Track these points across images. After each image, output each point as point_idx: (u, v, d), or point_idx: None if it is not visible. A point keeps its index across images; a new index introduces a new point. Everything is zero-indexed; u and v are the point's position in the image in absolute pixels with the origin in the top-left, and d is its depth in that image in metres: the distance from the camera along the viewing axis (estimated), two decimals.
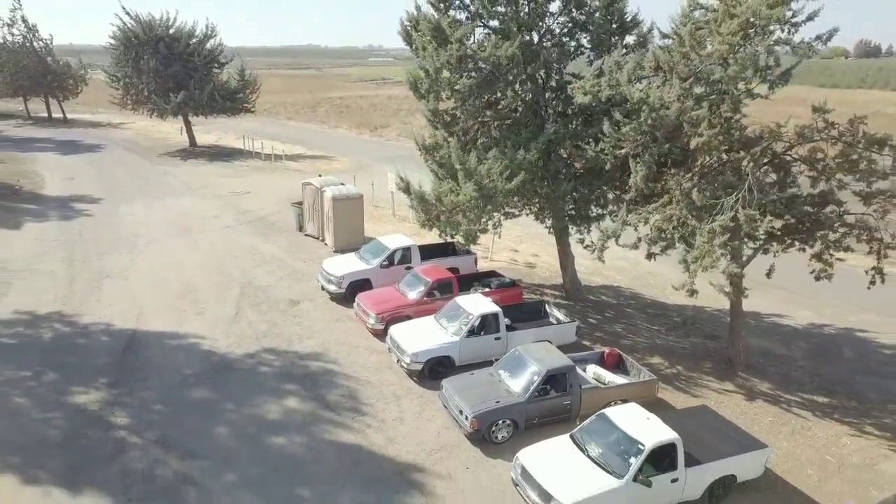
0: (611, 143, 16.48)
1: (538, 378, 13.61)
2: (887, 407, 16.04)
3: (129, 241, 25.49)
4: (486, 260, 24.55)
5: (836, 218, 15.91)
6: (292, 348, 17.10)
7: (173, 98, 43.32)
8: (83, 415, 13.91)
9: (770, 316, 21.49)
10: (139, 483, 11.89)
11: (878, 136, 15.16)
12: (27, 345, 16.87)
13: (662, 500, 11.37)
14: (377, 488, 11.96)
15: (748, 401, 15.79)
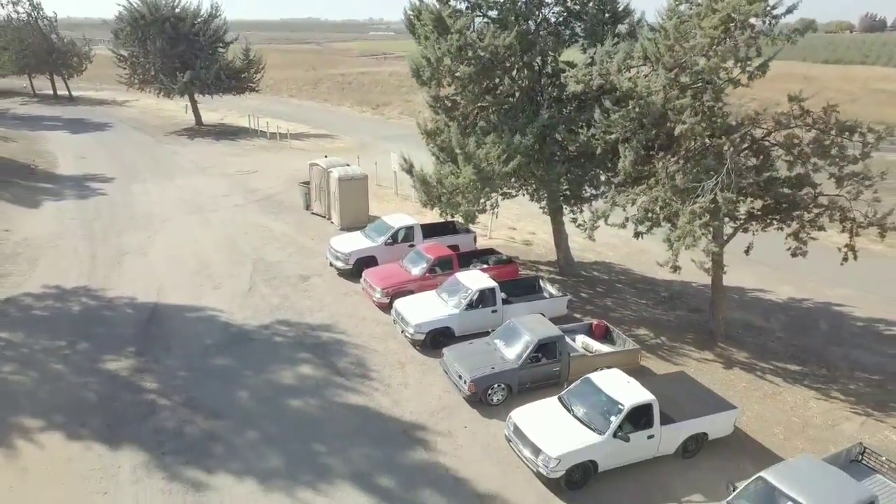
0: (601, 129, 17.59)
1: (530, 346, 14.92)
2: (854, 374, 17.35)
3: (145, 219, 26.72)
4: (485, 238, 25.75)
5: (811, 199, 17.08)
6: (304, 320, 18.41)
7: (180, 78, 44.20)
8: (115, 380, 15.27)
9: (753, 291, 22.75)
10: (171, 439, 13.26)
11: (848, 123, 16.21)
12: (58, 316, 18.20)
13: (640, 454, 12.74)
14: (384, 444, 13.33)
15: (725, 369, 17.11)
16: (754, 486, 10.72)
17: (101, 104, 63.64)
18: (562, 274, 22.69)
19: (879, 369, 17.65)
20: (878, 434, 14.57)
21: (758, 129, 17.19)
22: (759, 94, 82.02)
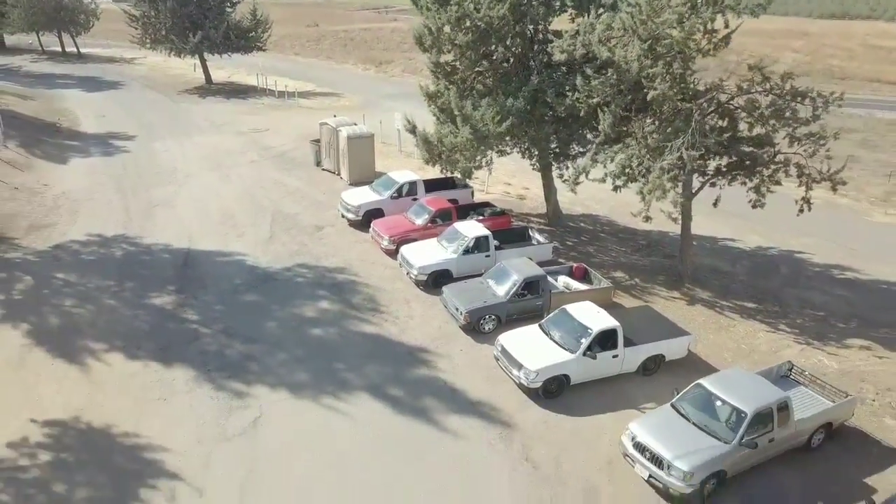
0: (584, 94, 19.67)
1: (517, 284, 17.39)
2: (803, 311, 19.83)
3: (169, 174, 28.98)
4: (483, 192, 27.97)
5: (770, 157, 19.29)
6: (321, 264, 20.88)
7: (191, 38, 45.79)
8: (162, 312, 17.81)
9: (724, 240, 25.10)
10: (214, 359, 15.84)
11: (800, 89, 18.32)
12: (104, 260, 20.68)
13: (606, 370, 15.29)
14: (393, 363, 15.92)
15: (689, 305, 19.60)
16: (693, 390, 13.28)
17: (109, 62, 64.98)
18: (551, 225, 25.03)
19: (826, 307, 20.14)
20: (813, 358, 17.11)
21: (723, 95, 19.29)
22: (760, 50, 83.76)
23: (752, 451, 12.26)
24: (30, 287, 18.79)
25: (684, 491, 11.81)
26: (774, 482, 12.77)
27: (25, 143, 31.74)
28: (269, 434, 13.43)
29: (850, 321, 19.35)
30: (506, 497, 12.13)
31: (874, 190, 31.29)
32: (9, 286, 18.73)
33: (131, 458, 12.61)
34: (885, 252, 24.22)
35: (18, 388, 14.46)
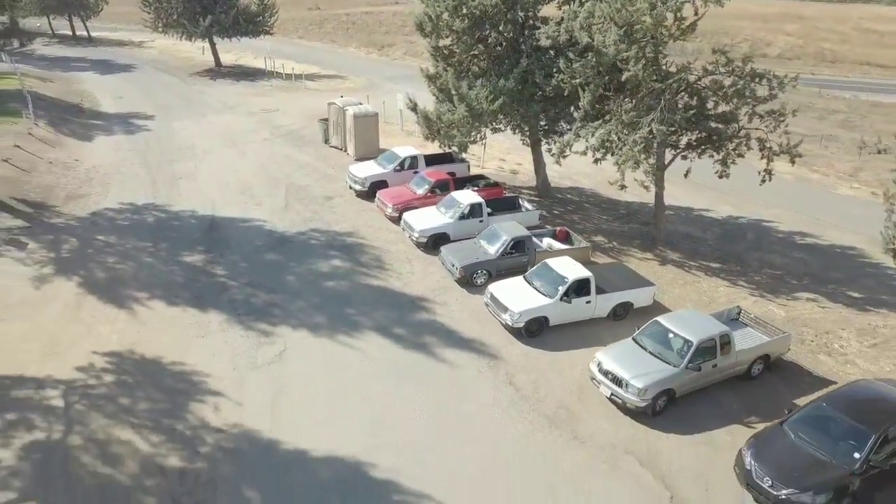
0: (568, 75, 21.95)
1: (506, 244, 19.81)
2: (762, 271, 22.24)
3: (189, 151, 31.32)
4: (479, 167, 30.27)
5: (734, 132, 21.60)
6: (332, 229, 23.30)
7: (202, 22, 47.88)
8: (193, 268, 20.26)
9: (699, 210, 27.47)
10: (242, 306, 18.30)
11: (758, 71, 20.57)
12: (139, 225, 23.11)
13: (580, 314, 17.73)
14: (398, 309, 18.39)
15: (660, 265, 22.02)
16: (650, 326, 15.74)
17: (119, 45, 66.99)
18: (540, 196, 27.40)
19: (783, 267, 22.56)
20: (765, 307, 19.54)
21: (691, 76, 21.55)
22: (755, 34, 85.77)
23: (696, 373, 14.73)
24: (75, 247, 21.23)
25: (639, 405, 14.30)
26: (718, 402, 15.25)
27: (53, 122, 34.05)
28: (292, 364, 15.92)
29: (804, 279, 21.78)
30: (491, 410, 14.64)
31: (844, 166, 33.56)
32: (58, 246, 21.19)
33: (179, 380, 15.12)
34: (845, 221, 26.60)
35: (79, 327, 16.94)
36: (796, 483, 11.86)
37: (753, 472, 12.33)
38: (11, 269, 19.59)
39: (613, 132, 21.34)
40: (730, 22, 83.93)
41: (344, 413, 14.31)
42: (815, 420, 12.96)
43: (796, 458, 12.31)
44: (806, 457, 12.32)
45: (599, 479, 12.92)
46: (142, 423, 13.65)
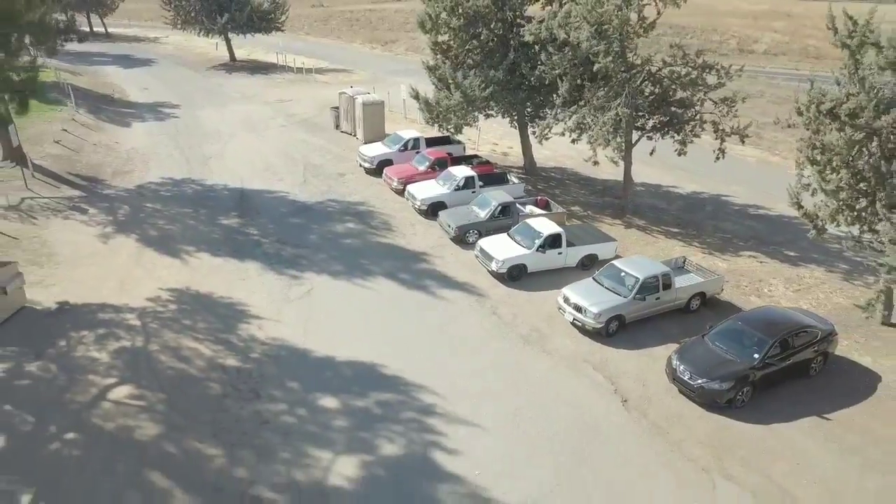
0: (548, 66, 25.63)
1: (495, 208, 23.53)
2: (714, 234, 25.90)
3: (215, 135, 35.06)
4: (474, 149, 33.94)
5: (691, 116, 25.27)
6: (345, 199, 27.05)
7: (218, 20, 51.58)
8: (230, 229, 24.02)
9: (668, 186, 31.14)
10: (274, 257, 22.03)
11: (708, 63, 24.23)
12: (180, 196, 26.86)
13: (553, 263, 21.44)
14: (403, 260, 22.13)
15: (626, 229, 25.70)
16: (607, 268, 19.46)
17: (136, 41, 70.67)
18: (527, 174, 31.11)
19: (733, 232, 26.23)
20: (711, 261, 23.17)
21: (654, 67, 25.21)
22: (742, 31, 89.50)
23: (642, 303, 18.46)
24: (129, 212, 25.00)
25: (595, 327, 18.03)
26: (661, 328, 18.96)
27: (91, 110, 37.79)
28: (318, 299, 19.68)
29: (749, 241, 25.45)
30: (478, 331, 18.38)
31: None
32: (114, 211, 24.96)
33: (229, 308, 18.88)
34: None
35: (142, 271, 20.71)
36: (708, 374, 15.57)
37: (677, 369, 16.06)
38: (80, 228, 23.39)
39: (587, 115, 25.07)
40: (721, 20, 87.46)
41: (360, 332, 18.05)
42: (728, 332, 16.70)
43: (710, 359, 16.03)
44: (718, 357, 16.04)
45: (562, 378, 16.67)
46: (203, 337, 17.42)
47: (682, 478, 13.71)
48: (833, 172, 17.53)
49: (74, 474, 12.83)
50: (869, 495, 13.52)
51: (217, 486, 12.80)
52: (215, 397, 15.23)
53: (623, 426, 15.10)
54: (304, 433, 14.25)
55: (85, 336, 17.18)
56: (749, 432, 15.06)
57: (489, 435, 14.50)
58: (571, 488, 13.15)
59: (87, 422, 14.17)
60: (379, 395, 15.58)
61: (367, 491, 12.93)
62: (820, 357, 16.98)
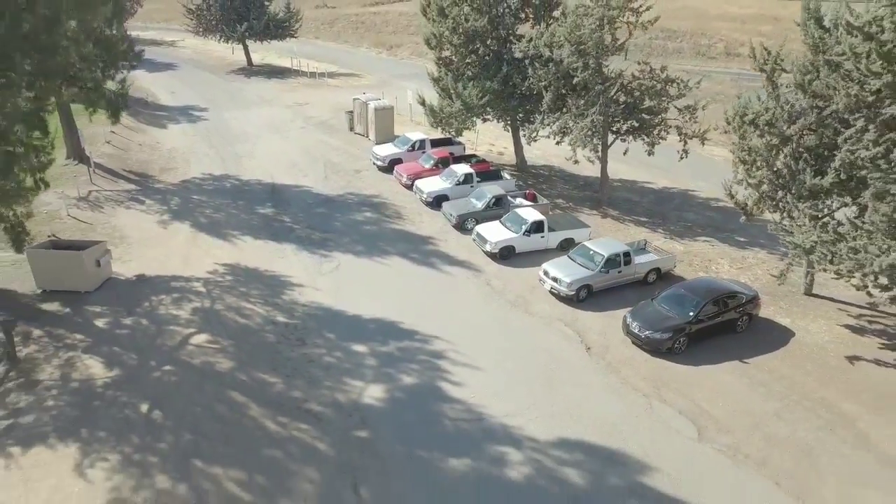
0: (536, 79, 30.07)
1: (490, 200, 28.03)
2: (678, 223, 30.35)
3: (243, 136, 39.54)
4: (473, 149, 38.39)
5: (659, 122, 29.71)
6: (362, 192, 31.54)
7: (238, 28, 56.01)
8: (266, 217, 28.51)
9: (642, 182, 35.57)
10: (306, 240, 26.52)
11: (670, 77, 28.68)
12: (220, 189, 31.36)
13: (537, 245, 25.91)
14: (413, 243, 26.62)
15: (602, 218, 30.17)
16: (579, 248, 23.96)
17: (154, 44, 74.82)
18: (518, 171, 35.59)
19: (694, 221, 30.69)
20: (671, 245, 27.63)
21: (625, 79, 29.63)
22: (730, 35, 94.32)
23: (606, 275, 22.95)
24: (179, 203, 29.51)
25: (568, 294, 22.51)
26: (623, 296, 23.42)
27: (131, 113, 42.08)
28: (345, 272, 24.17)
29: (706, 228, 29.91)
30: (475, 298, 22.89)
31: None
32: (167, 202, 29.49)
33: (273, 279, 23.39)
34: None
35: (199, 250, 25.23)
36: (653, 328, 20.06)
37: (630, 325, 20.56)
38: (141, 216, 27.93)
39: (568, 121, 29.54)
40: (710, 23, 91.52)
41: (380, 297, 22.55)
42: (671, 296, 21.19)
43: (656, 316, 20.52)
44: (662, 315, 20.52)
45: (540, 332, 21.17)
46: (256, 300, 21.95)
47: (627, 401, 18.23)
48: (757, 170, 22.02)
49: (175, 393, 17.37)
50: (769, 414, 18.01)
51: (279, 402, 17.32)
52: (271, 343, 19.76)
53: (585, 366, 19.62)
54: (341, 369, 18.78)
55: (163, 299, 21.73)
56: (682, 371, 19.57)
57: (482, 371, 19.01)
58: (541, 406, 17.66)
59: (178, 358, 18.72)
60: (398, 343, 20.10)
61: (390, 408, 17.44)
62: (745, 317, 21.48)
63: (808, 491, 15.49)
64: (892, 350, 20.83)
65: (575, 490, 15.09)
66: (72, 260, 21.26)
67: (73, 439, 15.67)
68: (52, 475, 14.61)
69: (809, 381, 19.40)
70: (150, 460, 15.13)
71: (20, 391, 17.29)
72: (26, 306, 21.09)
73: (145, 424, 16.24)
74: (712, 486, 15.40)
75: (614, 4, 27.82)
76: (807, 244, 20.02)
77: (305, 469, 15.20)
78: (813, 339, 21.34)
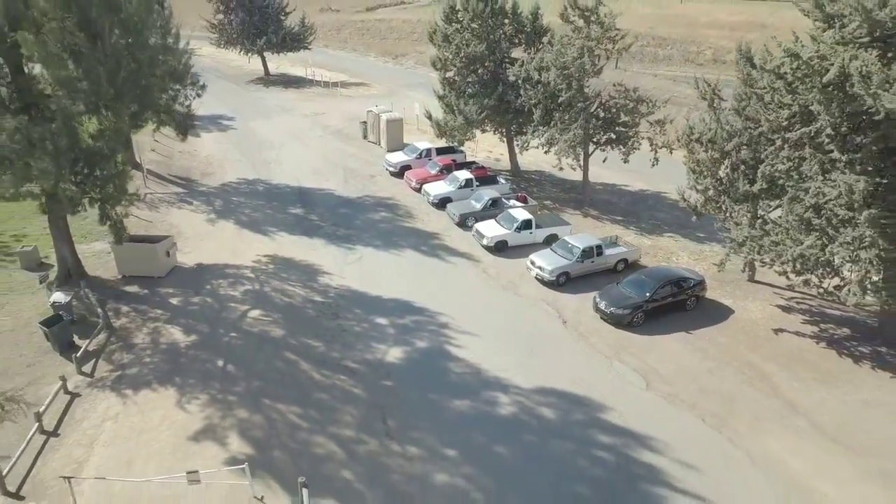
0: (527, 98, 35.09)
1: (487, 202, 33.07)
2: (649, 221, 35.37)
3: (269, 143, 44.59)
4: (473, 156, 43.41)
5: (633, 134, 34.73)
6: (377, 195, 36.60)
7: (258, 42, 61.05)
8: (297, 216, 33.56)
9: (621, 185, 40.60)
10: (332, 236, 31.56)
11: (640, 96, 33.69)
12: (255, 192, 36.42)
13: (527, 241, 30.95)
14: (422, 238, 31.65)
15: (583, 217, 35.20)
16: (560, 242, 29.00)
17: None
18: (513, 175, 40.63)
19: (663, 220, 35.70)
20: (640, 240, 32.62)
21: (603, 98, 34.63)
22: (718, 43, 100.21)
23: (582, 264, 27.98)
24: (222, 204, 34.57)
25: (551, 279, 27.55)
26: (599, 280, 28.43)
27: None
28: (367, 262, 29.22)
29: (673, 226, 34.94)
30: (474, 282, 27.93)
31: None
32: (211, 203, 34.57)
33: (308, 267, 28.43)
34: None
35: (244, 244, 30.29)
36: (616, 305, 25.08)
37: (598, 303, 25.60)
38: (191, 215, 33.01)
39: (555, 133, 34.56)
40: (700, 31, 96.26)
41: (396, 282, 27.58)
42: (632, 280, 26.23)
43: (619, 296, 25.54)
44: (624, 295, 25.53)
45: (526, 310, 26.20)
46: (296, 284, 27.02)
47: (593, 361, 23.25)
48: (703, 178, 27.04)
49: (241, 353, 22.44)
50: (703, 371, 23.02)
51: (322, 360, 22.37)
52: (312, 317, 24.83)
53: (561, 335, 24.67)
54: (368, 336, 23.85)
55: (221, 283, 26.82)
56: (639, 340, 24.59)
57: (480, 338, 24.04)
58: (525, 364, 22.70)
59: (240, 327, 23.80)
60: (412, 316, 25.16)
61: (408, 364, 22.49)
62: (693, 298, 26.51)
63: (726, 425, 20.49)
64: (811, 324, 25.87)
65: (548, 423, 20.13)
66: (148, 251, 26.33)
67: (170, 385, 20.74)
68: (160, 408, 19.69)
69: (740, 347, 24.41)
70: (230, 399, 20.20)
71: (122, 352, 22.37)
72: (112, 288, 26.17)
73: (222, 374, 21.32)
74: (653, 422, 20.41)
75: (594, 36, 32.87)
76: (740, 238, 25.09)
77: (346, 407, 20.25)
78: (748, 316, 26.35)
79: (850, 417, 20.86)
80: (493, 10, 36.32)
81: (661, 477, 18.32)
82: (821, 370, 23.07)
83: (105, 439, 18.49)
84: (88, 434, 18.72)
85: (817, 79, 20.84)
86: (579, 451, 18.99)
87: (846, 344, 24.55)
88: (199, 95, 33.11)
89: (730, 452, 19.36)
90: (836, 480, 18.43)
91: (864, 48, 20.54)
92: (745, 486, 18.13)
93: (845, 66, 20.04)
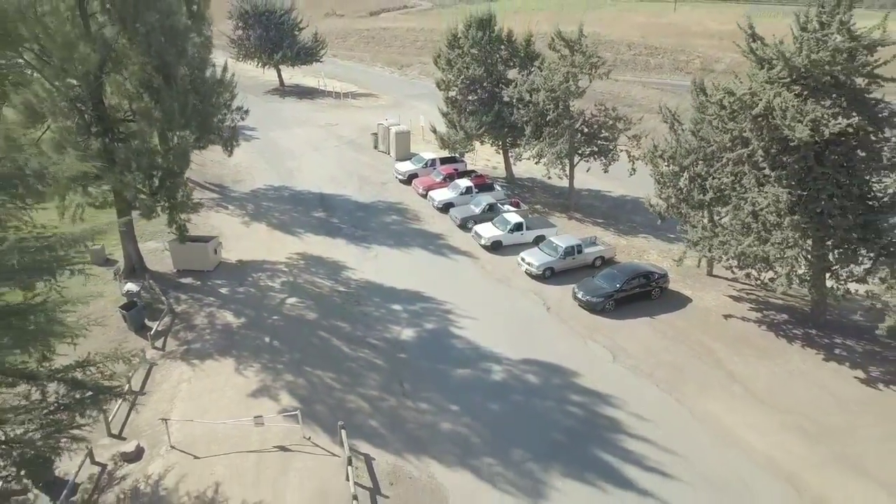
0: (520, 115, 40.15)
1: (484, 206, 38.15)
2: (627, 223, 40.41)
3: (290, 153, 49.68)
4: (473, 165, 48.43)
5: (612, 147, 39.79)
6: (389, 200, 41.69)
7: (275, 56, 66.15)
8: (321, 219, 38.64)
9: (604, 191, 45.60)
10: (351, 236, 36.62)
11: (619, 115, 38.76)
12: (282, 197, 41.51)
13: (518, 240, 35.95)
14: (428, 238, 36.71)
15: (568, 220, 40.23)
16: (546, 242, 34.08)
17: None
18: (508, 183, 45.72)
19: (640, 223, 40.70)
20: (616, 240, 37.67)
21: (587, 115, 39.67)
22: (706, 51, 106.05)
23: (564, 261, 33.05)
24: (254, 208, 39.68)
25: (538, 273, 32.63)
26: (579, 274, 33.46)
27: None
28: (381, 260, 34.28)
29: (647, 228, 39.97)
30: (473, 276, 33.01)
31: None
32: (244, 207, 39.69)
33: (333, 263, 33.50)
34: None
35: (277, 244, 35.38)
36: (591, 294, 30.15)
37: (576, 292, 30.68)
38: (228, 218, 38.13)
39: (544, 147, 39.66)
40: (691, 40, 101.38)
41: (408, 276, 32.62)
42: (605, 273, 31.29)
43: (594, 286, 30.61)
44: (598, 286, 30.58)
45: (517, 298, 31.26)
46: (323, 277, 32.11)
47: (570, 341, 28.31)
48: (666, 188, 32.12)
49: (284, 332, 27.54)
50: (661, 348, 28.04)
51: (350, 338, 27.47)
52: (338, 304, 29.94)
53: (546, 319, 29.74)
54: (386, 319, 28.94)
55: (260, 276, 31.92)
56: (610, 323, 29.63)
57: (478, 322, 29.10)
58: (515, 342, 27.72)
59: (281, 311, 28.92)
60: (421, 304, 30.26)
61: (419, 342, 27.56)
62: (658, 289, 31.56)
63: (676, 389, 25.53)
64: (756, 311, 30.91)
65: (532, 386, 25.20)
66: (200, 249, 31.42)
67: (229, 356, 25.85)
68: (223, 374, 24.80)
69: (694, 330, 29.46)
70: (277, 367, 25.30)
71: (185, 331, 27.48)
72: (170, 280, 31.28)
73: (270, 349, 26.43)
74: (616, 386, 25.44)
75: (577, 63, 37.96)
76: (695, 238, 30.18)
77: (370, 373, 25.34)
78: (704, 304, 31.41)
79: (778, 384, 25.86)
80: (490, 38, 41.41)
81: (621, 427, 23.34)
82: (759, 348, 28.08)
83: (183, 396, 23.61)
84: (169, 393, 23.83)
85: (748, 112, 25.91)
86: (556, 408, 24.04)
87: (783, 327, 29.58)
88: (243, 119, 37.73)
89: (676, 410, 24.37)
90: (760, 431, 23.42)
91: (787, 87, 25.63)
92: (687, 435, 23.14)
93: (770, 102, 25.13)
